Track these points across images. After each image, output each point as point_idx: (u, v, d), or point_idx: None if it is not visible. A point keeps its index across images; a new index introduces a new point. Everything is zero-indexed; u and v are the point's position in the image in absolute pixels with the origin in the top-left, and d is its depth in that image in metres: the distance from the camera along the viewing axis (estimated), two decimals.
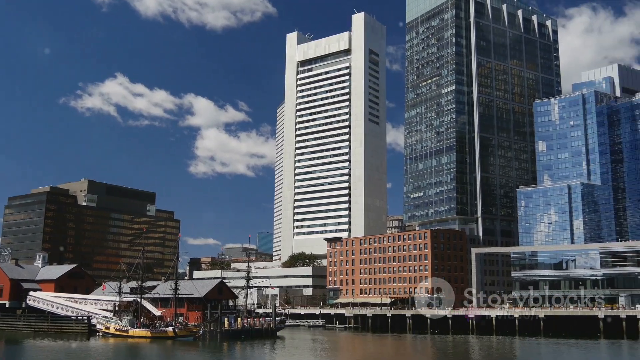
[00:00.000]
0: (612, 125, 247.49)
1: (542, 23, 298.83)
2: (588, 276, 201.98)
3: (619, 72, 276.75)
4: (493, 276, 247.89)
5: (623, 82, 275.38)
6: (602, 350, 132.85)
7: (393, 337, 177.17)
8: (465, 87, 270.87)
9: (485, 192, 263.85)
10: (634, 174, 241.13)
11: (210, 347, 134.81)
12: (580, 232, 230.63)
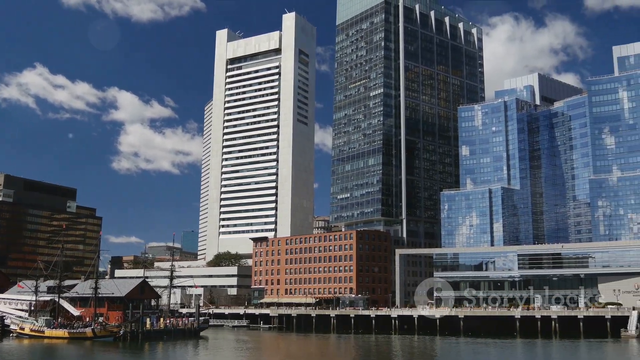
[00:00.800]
0: (532, 132, 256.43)
1: (468, 31, 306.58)
2: (506, 277, 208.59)
3: (539, 81, 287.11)
4: (416, 277, 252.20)
5: (543, 91, 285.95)
6: (518, 349, 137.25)
7: (317, 337, 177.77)
8: (393, 90, 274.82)
9: (410, 194, 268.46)
10: (551, 179, 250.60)
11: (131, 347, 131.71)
12: (499, 235, 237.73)
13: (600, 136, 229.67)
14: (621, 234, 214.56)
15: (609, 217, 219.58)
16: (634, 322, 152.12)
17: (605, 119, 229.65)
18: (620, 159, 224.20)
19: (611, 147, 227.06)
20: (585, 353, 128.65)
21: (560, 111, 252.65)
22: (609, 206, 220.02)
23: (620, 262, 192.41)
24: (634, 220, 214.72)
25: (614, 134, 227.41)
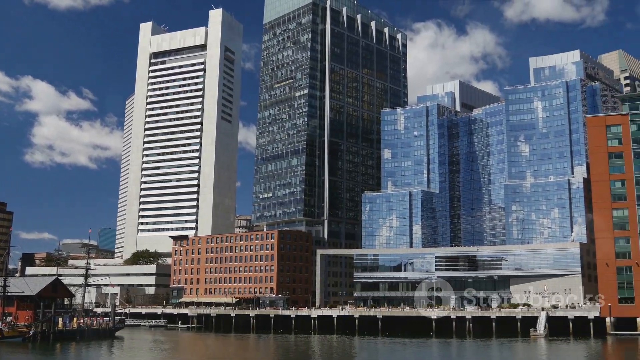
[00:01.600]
0: (452, 138, 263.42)
1: (393, 36, 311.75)
2: (424, 279, 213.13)
3: (459, 88, 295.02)
4: (336, 277, 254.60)
5: (463, 97, 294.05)
6: (433, 349, 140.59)
7: (236, 337, 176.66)
8: (318, 91, 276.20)
9: (333, 195, 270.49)
10: (469, 184, 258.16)
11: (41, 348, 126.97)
12: (418, 237, 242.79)
13: (516, 143, 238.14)
14: (533, 237, 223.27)
15: (521, 222, 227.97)
16: (542, 323, 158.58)
17: (521, 127, 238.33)
18: (534, 166, 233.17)
19: (525, 155, 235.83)
20: (496, 352, 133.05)
21: (479, 118, 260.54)
22: (522, 211, 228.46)
23: (531, 264, 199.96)
24: (544, 224, 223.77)
25: (528, 141, 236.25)
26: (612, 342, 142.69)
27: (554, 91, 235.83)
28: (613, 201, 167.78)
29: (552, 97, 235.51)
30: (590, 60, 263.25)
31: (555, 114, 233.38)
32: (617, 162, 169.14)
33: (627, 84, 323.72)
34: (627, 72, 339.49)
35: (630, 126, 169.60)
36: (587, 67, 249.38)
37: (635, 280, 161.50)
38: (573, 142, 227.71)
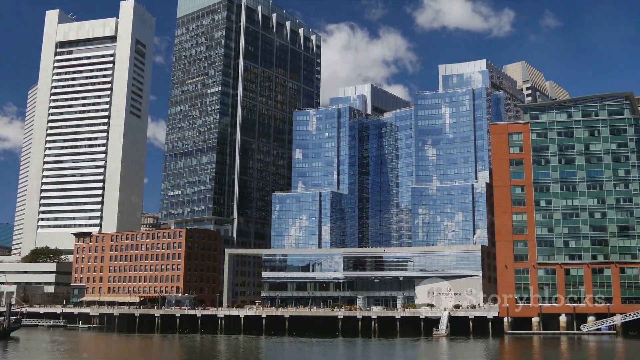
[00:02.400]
0: (362, 140, 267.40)
1: (307, 37, 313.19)
2: (332, 279, 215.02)
3: (371, 92, 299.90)
4: (245, 277, 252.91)
5: (374, 101, 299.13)
6: (339, 348, 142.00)
7: (140, 337, 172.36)
8: (230, 89, 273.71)
9: (243, 194, 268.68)
10: (377, 186, 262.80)
11: None
12: (327, 238, 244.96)
13: (424, 148, 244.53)
14: (437, 239, 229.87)
15: (427, 224, 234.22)
16: (444, 322, 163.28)
17: (429, 132, 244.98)
18: (440, 170, 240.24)
19: (432, 159, 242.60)
20: (400, 351, 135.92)
21: (389, 121, 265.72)
22: (428, 213, 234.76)
23: (435, 266, 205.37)
24: (449, 227, 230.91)
25: (435, 146, 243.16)
26: (509, 341, 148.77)
27: (460, 98, 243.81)
28: (513, 206, 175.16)
29: (459, 104, 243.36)
30: (495, 70, 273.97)
31: (461, 120, 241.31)
32: (518, 168, 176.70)
33: (529, 94, 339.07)
34: (529, 82, 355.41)
35: (530, 134, 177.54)
36: (492, 77, 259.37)
37: (531, 282, 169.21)
38: (477, 148, 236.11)
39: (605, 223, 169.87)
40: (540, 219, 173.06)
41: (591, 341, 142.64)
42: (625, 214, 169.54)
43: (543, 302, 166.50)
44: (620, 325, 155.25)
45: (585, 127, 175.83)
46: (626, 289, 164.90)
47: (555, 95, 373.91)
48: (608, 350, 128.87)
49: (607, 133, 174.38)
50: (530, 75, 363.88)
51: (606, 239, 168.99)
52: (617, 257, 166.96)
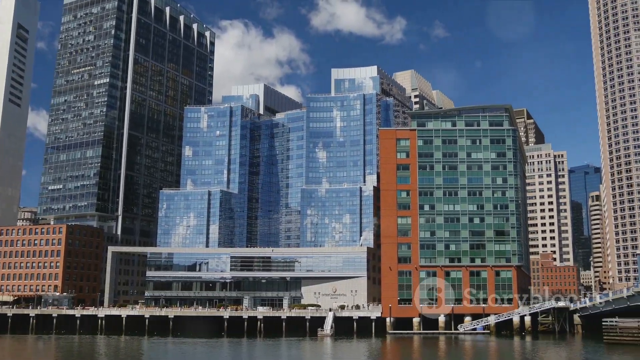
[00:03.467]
0: (254, 140, 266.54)
1: (201, 33, 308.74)
2: (218, 279, 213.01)
3: (264, 92, 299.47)
4: (128, 276, 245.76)
5: (267, 101, 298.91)
6: (224, 349, 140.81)
7: (13, 338, 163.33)
8: (119, 82, 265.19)
9: (129, 190, 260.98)
10: (267, 186, 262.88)
11: None
12: (215, 237, 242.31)
13: (314, 150, 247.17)
14: (325, 241, 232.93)
15: (315, 225, 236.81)
16: (329, 323, 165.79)
17: (320, 135, 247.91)
18: (330, 173, 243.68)
19: (323, 161, 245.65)
20: (285, 351, 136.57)
21: (281, 122, 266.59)
22: (317, 215, 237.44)
23: (322, 267, 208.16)
24: (337, 229, 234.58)
25: (326, 149, 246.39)
26: (391, 341, 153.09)
27: (352, 103, 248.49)
28: (398, 209, 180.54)
29: (350, 108, 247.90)
30: (386, 77, 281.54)
31: (352, 124, 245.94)
32: (404, 173, 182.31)
33: (416, 102, 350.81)
34: (417, 91, 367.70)
35: (417, 141, 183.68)
36: (382, 83, 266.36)
37: (413, 284, 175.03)
38: (366, 152, 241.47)
39: (483, 228, 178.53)
40: (423, 222, 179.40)
41: (467, 340, 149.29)
42: (502, 220, 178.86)
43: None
44: (494, 325, 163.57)
45: (468, 135, 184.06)
46: (500, 290, 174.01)
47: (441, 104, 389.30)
48: (481, 349, 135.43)
49: (487, 142, 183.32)
50: (418, 84, 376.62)
51: (484, 243, 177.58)
52: (493, 261, 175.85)
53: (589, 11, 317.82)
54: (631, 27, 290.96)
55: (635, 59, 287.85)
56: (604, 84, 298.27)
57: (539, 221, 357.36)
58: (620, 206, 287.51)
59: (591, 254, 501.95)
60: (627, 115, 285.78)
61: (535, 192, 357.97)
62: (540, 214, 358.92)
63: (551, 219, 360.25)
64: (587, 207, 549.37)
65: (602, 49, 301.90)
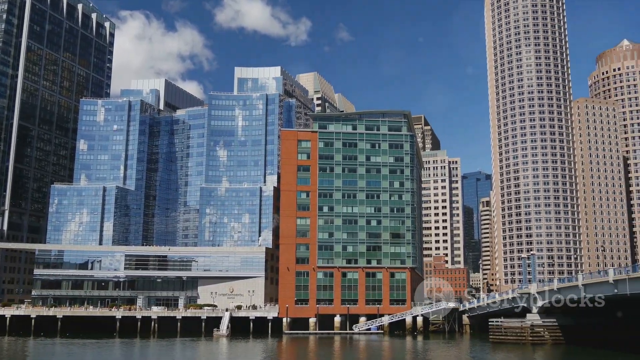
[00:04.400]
0: (153, 136, 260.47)
1: (100, 23, 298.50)
2: (112, 277, 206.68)
3: (165, 87, 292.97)
4: (14, 274, 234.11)
5: (168, 97, 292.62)
6: (115, 349, 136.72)
7: None
8: (9, 69, 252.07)
9: (17, 184, 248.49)
10: (166, 184, 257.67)
11: None
12: (109, 234, 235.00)
13: (215, 148, 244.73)
14: (223, 240, 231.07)
15: (214, 225, 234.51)
16: (225, 323, 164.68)
17: (221, 133, 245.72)
18: (230, 172, 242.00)
19: (223, 160, 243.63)
20: (179, 352, 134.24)
21: (181, 119, 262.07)
22: (216, 214, 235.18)
23: (219, 266, 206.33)
24: (235, 228, 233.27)
25: (227, 147, 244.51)
26: (287, 340, 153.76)
27: (254, 102, 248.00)
28: (298, 210, 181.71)
29: (252, 107, 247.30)
30: (289, 77, 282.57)
31: (254, 124, 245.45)
32: (305, 174, 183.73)
33: (319, 104, 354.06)
34: (319, 93, 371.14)
35: (318, 143, 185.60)
36: (286, 84, 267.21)
37: (310, 284, 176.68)
38: (268, 152, 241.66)
39: (380, 230, 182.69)
40: (322, 224, 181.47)
41: (361, 340, 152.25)
42: (398, 223, 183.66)
43: (320, 304, 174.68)
44: (387, 325, 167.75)
45: (368, 139, 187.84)
46: (394, 292, 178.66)
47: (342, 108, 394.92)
48: (375, 348, 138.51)
49: (386, 147, 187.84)
50: (321, 86, 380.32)
51: (380, 245, 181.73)
52: (388, 263, 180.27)
53: (485, 25, 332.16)
54: (522, 42, 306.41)
55: (525, 72, 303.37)
56: (497, 95, 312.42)
57: (432, 224, 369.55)
58: (508, 212, 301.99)
59: (480, 257, 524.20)
60: (517, 125, 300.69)
61: (430, 197, 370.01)
62: (434, 217, 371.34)
63: (444, 222, 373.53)
64: (478, 212, 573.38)
65: (495, 61, 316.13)
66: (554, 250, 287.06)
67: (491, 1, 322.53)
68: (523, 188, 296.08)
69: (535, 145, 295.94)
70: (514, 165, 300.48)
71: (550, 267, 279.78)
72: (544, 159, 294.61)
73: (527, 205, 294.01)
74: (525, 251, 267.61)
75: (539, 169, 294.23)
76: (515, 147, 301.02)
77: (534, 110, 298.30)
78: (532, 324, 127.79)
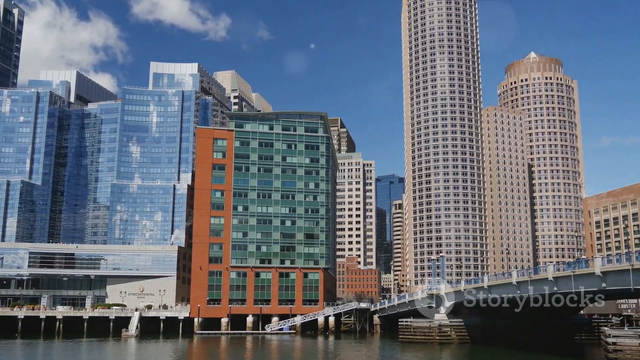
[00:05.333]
0: (62, 129, 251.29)
1: (8, 9, 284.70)
2: (14, 276, 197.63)
3: (76, 79, 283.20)
4: None
5: (79, 89, 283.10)
6: (16, 351, 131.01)
7: None
8: None
9: None
10: (75, 179, 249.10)
11: None
12: (12, 230, 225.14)
13: (128, 144, 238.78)
14: (134, 238, 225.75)
15: (125, 222, 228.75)
16: (135, 323, 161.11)
17: (135, 129, 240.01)
18: (143, 168, 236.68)
19: (136, 156, 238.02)
20: (85, 352, 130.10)
21: (93, 113, 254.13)
22: (127, 212, 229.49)
23: (130, 265, 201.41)
24: (147, 227, 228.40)
25: (140, 144, 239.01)
26: (198, 341, 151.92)
27: (170, 99, 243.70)
28: (212, 209, 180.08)
29: (167, 104, 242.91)
30: (206, 75, 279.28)
31: (169, 120, 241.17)
32: (220, 173, 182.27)
33: (236, 103, 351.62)
34: (237, 92, 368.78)
35: (234, 142, 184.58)
36: (203, 81, 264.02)
37: (223, 284, 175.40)
38: (182, 150, 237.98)
39: (294, 231, 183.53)
40: (236, 223, 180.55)
41: (273, 340, 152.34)
42: (312, 224, 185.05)
43: (233, 304, 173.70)
44: (299, 325, 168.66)
45: (284, 140, 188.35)
46: (307, 292, 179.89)
47: (260, 107, 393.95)
48: (286, 348, 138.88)
49: (302, 148, 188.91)
50: (239, 85, 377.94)
51: (294, 246, 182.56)
52: (302, 263, 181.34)
53: (402, 31, 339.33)
54: (437, 50, 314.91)
55: (439, 79, 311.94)
56: (411, 100, 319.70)
57: (346, 226, 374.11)
58: (419, 214, 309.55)
59: (392, 259, 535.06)
60: (430, 131, 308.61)
61: (344, 198, 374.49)
62: (348, 219, 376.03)
63: (357, 224, 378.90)
64: (391, 214, 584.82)
65: (411, 67, 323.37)
66: (462, 253, 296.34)
67: (408, 8, 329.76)
68: (434, 192, 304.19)
69: (447, 151, 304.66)
70: (426, 170, 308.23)
71: (458, 269, 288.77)
72: (454, 164, 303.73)
73: (438, 208, 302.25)
74: (435, 253, 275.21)
75: (450, 173, 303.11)
76: (427, 151, 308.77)
77: (447, 117, 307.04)
78: (440, 324, 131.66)
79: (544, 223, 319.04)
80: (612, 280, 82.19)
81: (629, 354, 73.19)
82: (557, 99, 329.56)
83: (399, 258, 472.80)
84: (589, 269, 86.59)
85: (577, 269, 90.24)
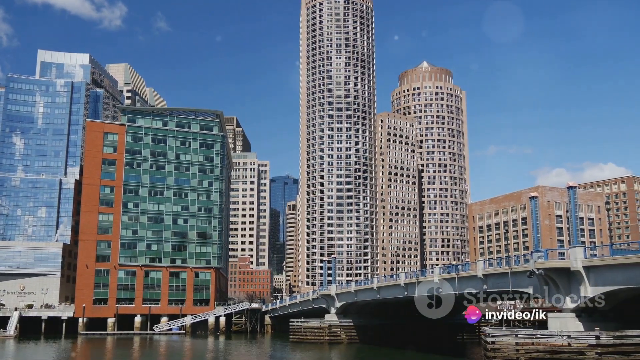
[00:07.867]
0: None
1: None
2: None
3: None
4: None
5: None
6: None
7: None
8: None
9: None
10: None
11: None
12: None
13: (10, 135, 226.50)
14: (16, 234, 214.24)
15: (6, 217, 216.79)
16: (14, 323, 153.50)
17: (19, 119, 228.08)
18: (27, 161, 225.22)
19: (19, 148, 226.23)
20: None
21: None
22: (8, 206, 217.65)
23: (9, 262, 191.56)
24: (30, 222, 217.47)
25: (24, 135, 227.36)
26: (82, 341, 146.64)
27: (58, 89, 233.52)
28: (101, 205, 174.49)
29: (55, 94, 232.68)
30: (98, 66, 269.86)
31: (56, 112, 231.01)
32: (110, 168, 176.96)
33: (129, 97, 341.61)
34: (130, 85, 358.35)
35: (126, 137, 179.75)
36: (94, 73, 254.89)
37: (111, 283, 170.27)
38: (70, 143, 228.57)
39: (186, 230, 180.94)
40: (126, 220, 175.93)
41: (162, 340, 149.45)
42: (205, 223, 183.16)
43: (121, 303, 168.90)
44: (189, 326, 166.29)
45: (178, 137, 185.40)
46: (198, 292, 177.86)
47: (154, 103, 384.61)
48: (175, 348, 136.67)
49: (197, 145, 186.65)
50: (132, 79, 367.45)
51: (185, 245, 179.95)
52: (193, 262, 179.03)
53: (300, 35, 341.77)
54: (334, 55, 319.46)
55: (335, 84, 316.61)
56: (307, 102, 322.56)
57: (239, 225, 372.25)
58: (312, 216, 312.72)
59: (284, 259, 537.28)
60: (325, 134, 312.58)
61: (238, 198, 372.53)
62: (241, 218, 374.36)
63: (251, 224, 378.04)
64: (284, 215, 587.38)
65: (308, 70, 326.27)
66: (353, 254, 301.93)
67: (307, 12, 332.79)
68: (327, 194, 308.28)
69: (341, 154, 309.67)
70: (320, 172, 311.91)
71: (349, 270, 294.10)
72: (347, 168, 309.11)
73: (331, 210, 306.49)
74: (327, 254, 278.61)
75: (343, 176, 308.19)
76: (322, 154, 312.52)
77: (341, 121, 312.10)
78: (330, 324, 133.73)
79: (431, 227, 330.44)
80: (493, 283, 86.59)
81: (506, 352, 77.62)
82: (447, 107, 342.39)
83: (292, 259, 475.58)
84: (472, 272, 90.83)
85: (462, 272, 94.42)
